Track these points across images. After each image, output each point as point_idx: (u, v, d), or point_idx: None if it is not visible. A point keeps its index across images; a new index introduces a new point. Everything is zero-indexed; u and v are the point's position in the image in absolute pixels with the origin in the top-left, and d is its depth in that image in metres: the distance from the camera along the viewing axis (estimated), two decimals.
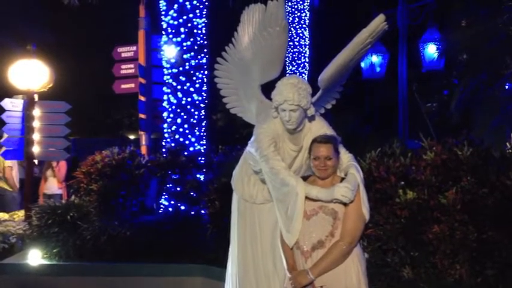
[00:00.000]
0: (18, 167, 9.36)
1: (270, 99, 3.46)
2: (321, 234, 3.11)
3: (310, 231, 3.13)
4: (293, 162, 3.49)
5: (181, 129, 8.23)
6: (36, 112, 7.86)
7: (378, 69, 11.06)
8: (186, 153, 7.96)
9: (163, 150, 8.22)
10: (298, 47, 12.40)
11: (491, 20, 6.17)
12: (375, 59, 10.95)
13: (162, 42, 8.55)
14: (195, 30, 8.30)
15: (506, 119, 5.81)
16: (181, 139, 8.19)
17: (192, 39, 8.28)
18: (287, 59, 12.14)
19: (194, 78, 8.29)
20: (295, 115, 3.33)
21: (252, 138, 3.56)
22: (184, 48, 8.27)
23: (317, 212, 3.14)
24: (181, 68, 8.27)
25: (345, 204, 3.11)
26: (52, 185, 9.08)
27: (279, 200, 3.30)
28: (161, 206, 7.95)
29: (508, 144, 4.97)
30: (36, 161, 8.64)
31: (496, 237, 4.18)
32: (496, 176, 4.31)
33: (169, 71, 8.38)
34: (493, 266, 4.17)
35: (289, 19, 12.07)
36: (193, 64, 8.29)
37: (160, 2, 8.48)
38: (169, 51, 8.34)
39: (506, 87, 6.35)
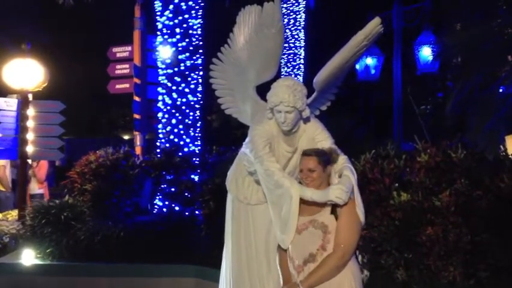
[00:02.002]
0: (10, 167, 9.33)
1: (265, 100, 3.46)
2: (312, 248, 3.09)
3: (301, 246, 3.12)
4: (288, 164, 3.49)
5: (176, 130, 8.22)
6: (31, 111, 7.83)
7: (373, 72, 11.10)
8: (180, 153, 7.95)
9: (158, 150, 8.21)
10: (293, 48, 12.39)
11: (487, 23, 6.19)
12: (370, 61, 10.99)
13: (157, 43, 8.53)
14: (190, 31, 8.29)
15: (500, 122, 5.83)
16: (176, 140, 8.17)
17: (187, 40, 8.27)
18: (282, 60, 12.13)
19: (189, 79, 8.27)
20: (291, 116, 3.33)
21: (247, 139, 3.56)
22: (180, 48, 8.25)
23: (307, 226, 3.13)
24: (176, 69, 8.25)
25: (336, 218, 3.08)
26: (33, 185, 9.04)
27: (273, 202, 3.30)
28: (155, 206, 7.93)
29: (501, 147, 4.99)
30: (30, 161, 8.61)
31: (489, 240, 4.20)
32: (489, 179, 4.33)
33: (165, 71, 8.36)
34: (486, 268, 4.19)
35: (284, 21, 12.07)
36: (188, 65, 8.28)
37: (155, 2, 8.46)
38: (164, 52, 8.33)
39: (501, 90, 6.37)
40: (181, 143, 8.16)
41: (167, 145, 8.13)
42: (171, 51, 8.26)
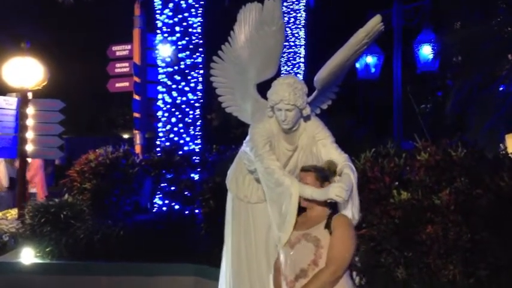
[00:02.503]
0: (7, 165, 9.32)
1: (266, 98, 3.45)
2: (304, 263, 3.03)
3: (293, 260, 3.07)
4: (288, 162, 3.49)
5: (175, 129, 8.22)
6: (30, 110, 7.83)
7: (373, 70, 11.10)
8: (180, 152, 7.95)
9: (158, 149, 8.21)
10: (293, 47, 12.39)
11: (486, 22, 6.20)
12: (370, 59, 10.99)
13: (157, 41, 8.53)
14: (190, 29, 8.29)
15: (500, 121, 5.83)
16: (175, 138, 8.17)
17: (187, 38, 8.27)
18: (282, 59, 12.12)
19: (189, 77, 8.27)
20: (291, 115, 3.32)
21: (247, 138, 3.55)
22: (180, 47, 8.26)
23: (300, 239, 3.08)
24: (176, 67, 8.25)
25: (330, 233, 3.03)
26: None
27: (273, 200, 3.29)
28: (155, 205, 7.93)
29: (501, 145, 4.99)
30: (29, 160, 8.61)
31: (489, 238, 4.20)
32: (489, 177, 4.32)
33: (164, 70, 8.36)
34: (486, 267, 4.19)
35: (284, 19, 12.05)
36: (188, 63, 8.28)
37: (155, 0, 8.46)
38: (164, 50, 8.33)
39: (501, 89, 6.37)
40: (181, 141, 8.16)
41: (167, 144, 8.13)
42: (171, 50, 8.25)
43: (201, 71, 8.35)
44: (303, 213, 3.21)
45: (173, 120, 8.21)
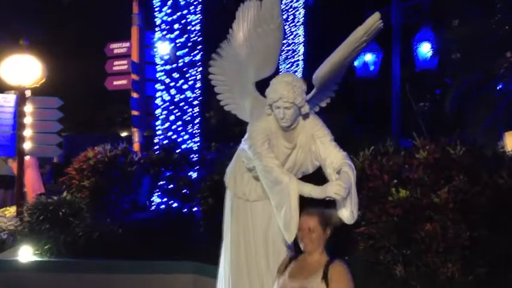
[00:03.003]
0: (1, 163, 9.31)
1: (265, 96, 3.45)
2: None
3: None
4: (287, 160, 3.49)
5: (174, 127, 8.20)
6: (28, 108, 7.82)
7: (372, 68, 11.08)
8: (178, 150, 7.94)
9: (156, 147, 8.20)
10: (292, 45, 12.37)
11: (485, 20, 6.21)
12: (369, 57, 10.96)
13: (155, 39, 8.51)
14: (188, 27, 8.27)
15: (499, 119, 5.84)
16: (174, 136, 8.16)
17: (185, 36, 8.25)
18: (280, 57, 12.09)
19: (187, 75, 8.25)
20: (290, 112, 3.32)
21: (246, 136, 3.55)
22: (178, 45, 8.24)
23: None
24: (174, 65, 8.23)
25: (327, 284, 2.99)
26: None
27: (273, 199, 3.29)
28: (153, 203, 7.92)
29: (500, 143, 5.00)
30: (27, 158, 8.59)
31: (488, 236, 4.21)
32: (488, 175, 4.33)
33: (163, 67, 8.34)
34: (485, 265, 4.20)
35: (283, 17, 12.02)
36: (186, 61, 8.26)
37: None
38: (162, 48, 8.31)
39: (499, 87, 6.39)
40: (180, 139, 8.14)
41: (165, 142, 8.12)
42: (169, 48, 8.24)
43: (200, 69, 8.33)
44: (300, 258, 3.18)
45: (171, 118, 8.19)
